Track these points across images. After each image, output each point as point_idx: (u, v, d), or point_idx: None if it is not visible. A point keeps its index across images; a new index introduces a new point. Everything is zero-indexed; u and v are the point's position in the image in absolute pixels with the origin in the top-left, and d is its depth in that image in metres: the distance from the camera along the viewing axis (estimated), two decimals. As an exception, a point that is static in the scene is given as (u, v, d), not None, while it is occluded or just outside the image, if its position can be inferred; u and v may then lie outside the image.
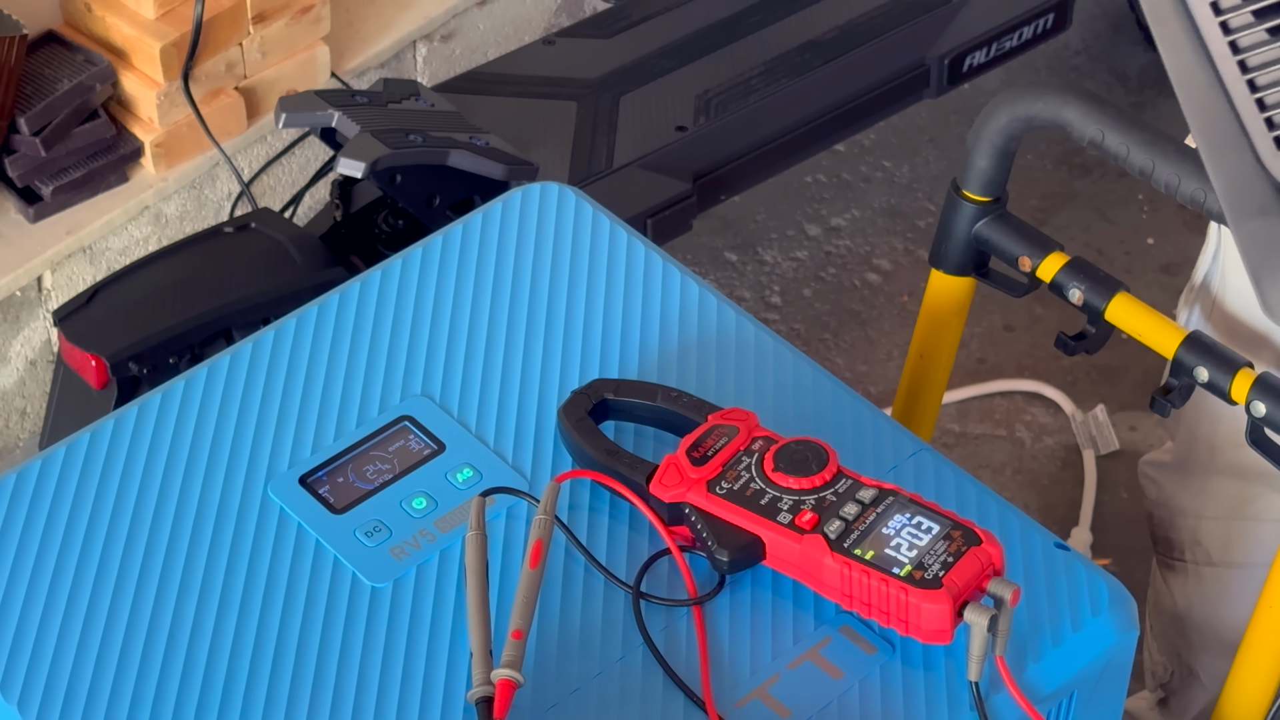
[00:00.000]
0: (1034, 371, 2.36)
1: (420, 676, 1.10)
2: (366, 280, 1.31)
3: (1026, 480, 2.24)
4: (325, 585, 1.14)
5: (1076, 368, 2.36)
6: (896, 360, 2.37)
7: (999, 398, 2.33)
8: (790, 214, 2.53)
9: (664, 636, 1.12)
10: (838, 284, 2.45)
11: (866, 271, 2.47)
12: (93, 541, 1.17)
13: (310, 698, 1.09)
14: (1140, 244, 2.51)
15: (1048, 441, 2.29)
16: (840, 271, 2.46)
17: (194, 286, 1.83)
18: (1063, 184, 2.59)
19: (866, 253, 2.49)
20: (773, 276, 2.46)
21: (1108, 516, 2.20)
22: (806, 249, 2.49)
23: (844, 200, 2.55)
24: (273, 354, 1.27)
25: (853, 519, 1.11)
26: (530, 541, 1.11)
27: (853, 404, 1.24)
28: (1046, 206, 2.56)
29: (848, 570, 1.09)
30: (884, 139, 2.64)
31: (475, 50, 2.51)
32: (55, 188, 2.15)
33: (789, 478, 1.13)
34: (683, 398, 1.21)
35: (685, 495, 1.14)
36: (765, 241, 2.50)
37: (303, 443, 1.22)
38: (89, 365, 1.75)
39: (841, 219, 2.53)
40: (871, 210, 2.54)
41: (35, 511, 1.18)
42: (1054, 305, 2.40)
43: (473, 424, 1.23)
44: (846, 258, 2.48)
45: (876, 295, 2.44)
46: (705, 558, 1.15)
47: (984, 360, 2.37)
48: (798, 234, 2.51)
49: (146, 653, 1.11)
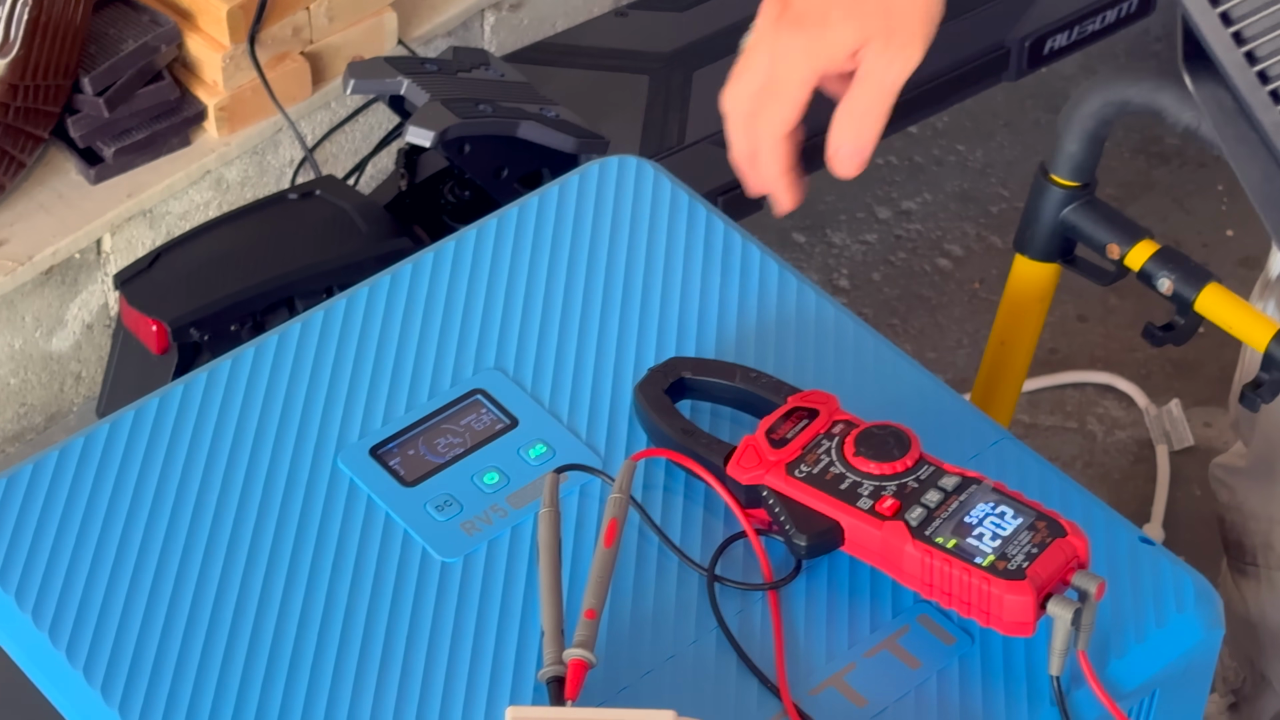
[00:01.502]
0: (1107, 363, 2.35)
1: (490, 654, 1.10)
2: (440, 250, 1.31)
3: (1097, 474, 2.23)
4: (395, 559, 1.14)
5: (1151, 361, 2.35)
6: (966, 348, 2.36)
7: (1070, 389, 2.33)
8: (860, 196, 2.52)
9: (738, 621, 1.12)
10: (907, 269, 2.44)
11: (937, 257, 2.46)
12: (160, 508, 1.17)
13: (379, 671, 1.09)
14: (1219, 236, 2.49)
15: (1120, 435, 2.28)
16: (910, 256, 2.46)
17: (257, 253, 1.84)
18: (1140, 173, 2.58)
19: (937, 237, 2.48)
20: (841, 259, 2.45)
21: (1180, 514, 2.19)
22: (876, 232, 2.49)
23: (915, 183, 2.54)
24: (344, 323, 1.27)
25: (935, 506, 1.10)
26: (605, 520, 1.10)
27: (935, 390, 1.24)
28: (1123, 195, 2.54)
29: (928, 559, 1.08)
30: (957, 122, 2.63)
31: (544, 20, 2.51)
32: (117, 149, 2.16)
33: (870, 463, 1.12)
34: (761, 378, 1.20)
35: (763, 478, 1.13)
36: (834, 223, 2.49)
37: (373, 414, 1.22)
38: (149, 330, 1.76)
39: (912, 202, 2.52)
40: (943, 194, 2.53)
41: (103, 477, 1.18)
42: (1130, 295, 2.39)
43: (546, 399, 1.23)
44: (917, 242, 2.48)
45: (947, 281, 2.43)
46: (782, 542, 1.14)
47: (1056, 350, 2.36)
48: (867, 216, 2.51)
49: (213, 623, 1.11)
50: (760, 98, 1.14)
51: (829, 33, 1.11)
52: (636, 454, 1.17)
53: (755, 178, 1.17)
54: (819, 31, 1.11)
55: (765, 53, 1.14)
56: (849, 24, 1.11)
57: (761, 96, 1.14)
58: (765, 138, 1.15)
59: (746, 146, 1.17)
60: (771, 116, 1.14)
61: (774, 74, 1.13)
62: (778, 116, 1.14)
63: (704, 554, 1.15)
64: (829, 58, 1.12)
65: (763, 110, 1.14)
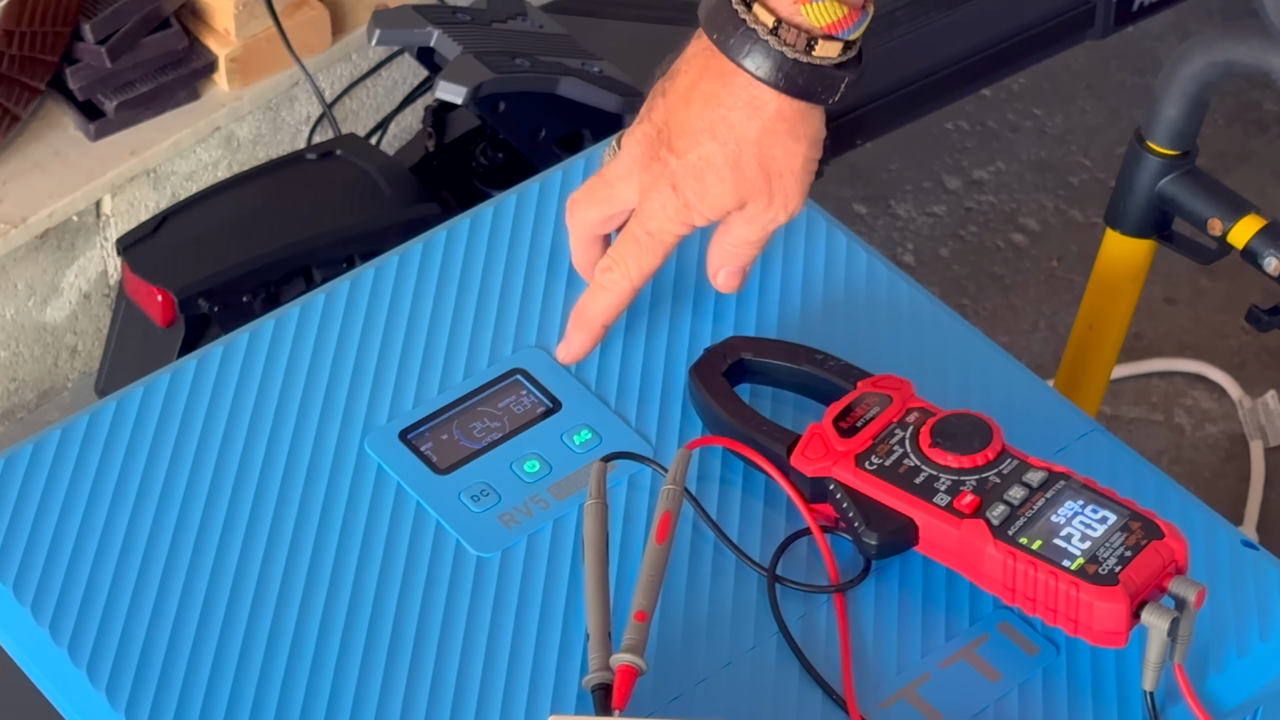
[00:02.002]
0: (1197, 351, 2.34)
1: (529, 658, 1.10)
2: (477, 217, 1.31)
3: (1185, 471, 2.23)
4: (426, 553, 1.14)
5: (1245, 348, 2.34)
6: (1042, 331, 2.35)
7: (1157, 378, 2.32)
8: (928, 164, 2.52)
9: (801, 626, 1.12)
10: (978, 244, 2.44)
11: (1011, 231, 2.45)
12: (171, 494, 1.16)
13: (408, 676, 1.09)
14: (1322, 212, 2.48)
15: (1210, 429, 2.27)
16: (982, 230, 2.45)
17: (272, 218, 1.84)
18: (1236, 142, 2.57)
19: (1012, 210, 2.47)
20: (906, 233, 2.45)
21: (1276, 515, 2.18)
22: (945, 203, 2.48)
23: (988, 151, 2.54)
24: (372, 294, 1.27)
25: (1018, 504, 1.10)
26: (657, 514, 1.10)
27: (1019, 376, 1.23)
28: (1217, 167, 2.53)
29: (1011, 560, 1.08)
30: (1035, 84, 2.62)
31: (584, -32, 2.51)
32: (120, 103, 2.17)
33: (948, 455, 1.12)
34: (829, 361, 1.20)
35: (830, 470, 1.13)
36: (899, 193, 2.49)
37: (403, 394, 1.22)
38: (154, 300, 1.77)
39: (985, 171, 2.52)
40: (1019, 163, 2.52)
41: (109, 459, 1.18)
42: (1223, 276, 2.38)
43: (592, 381, 1.23)
44: (989, 215, 2.47)
45: (1022, 258, 2.42)
46: (850, 540, 1.14)
47: (1141, 336, 2.35)
48: (935, 186, 2.50)
49: (228, 621, 1.11)
50: (624, 241, 1.19)
51: (707, 195, 1.16)
52: (691, 442, 1.17)
53: (581, 320, 1.22)
54: (695, 192, 1.16)
55: (630, 191, 1.18)
56: (725, 186, 1.16)
57: (625, 242, 1.18)
58: (614, 282, 1.20)
59: (585, 268, 1.23)
60: (629, 264, 1.19)
61: (642, 224, 1.18)
62: (635, 266, 1.19)
63: (764, 552, 1.15)
64: (704, 219, 1.17)
65: (624, 255, 1.19)
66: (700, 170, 1.15)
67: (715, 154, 1.15)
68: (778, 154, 1.15)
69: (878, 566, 1.14)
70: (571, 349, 1.22)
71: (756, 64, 1.13)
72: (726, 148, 1.14)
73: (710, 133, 1.14)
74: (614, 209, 1.20)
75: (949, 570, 1.13)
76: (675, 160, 1.15)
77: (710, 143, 1.14)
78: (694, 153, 1.15)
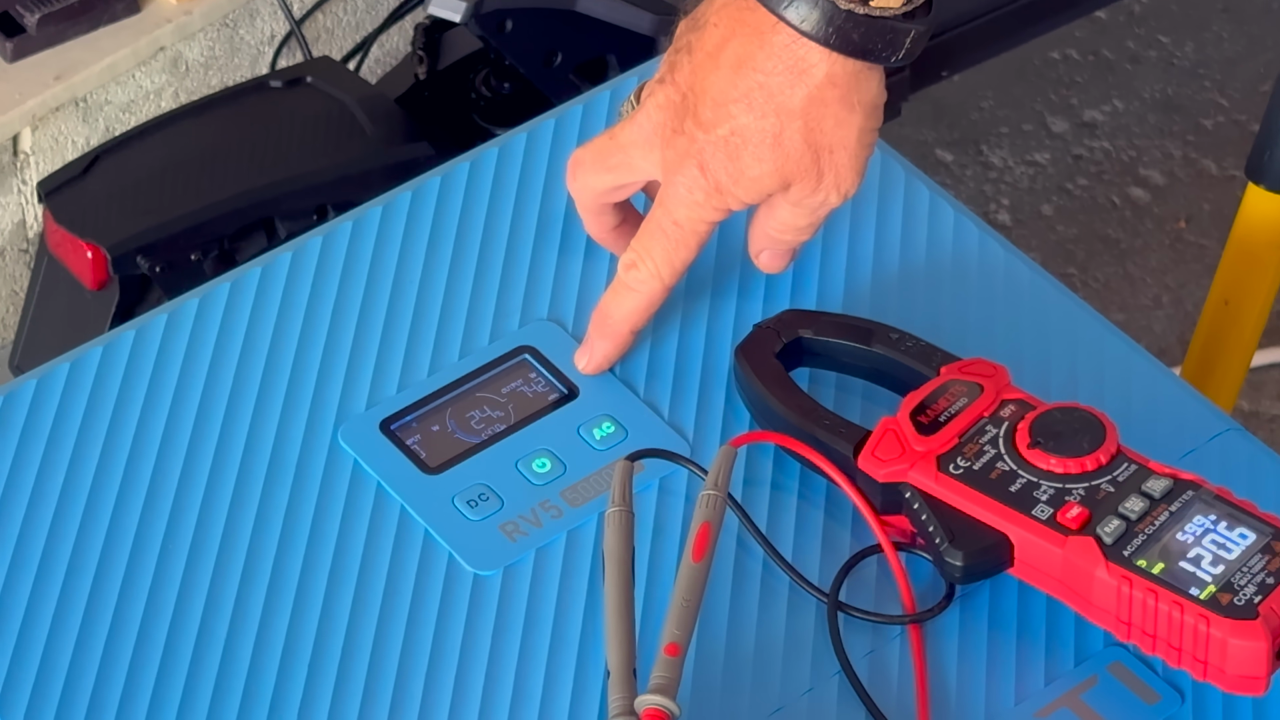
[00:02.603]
0: (1352, 335, 2.35)
1: (536, 700, 1.09)
2: (479, 160, 1.30)
3: (1339, 481, 2.22)
4: (411, 570, 1.14)
5: None
6: (1166, 308, 2.35)
7: (1306, 367, 2.32)
8: (1028, 102, 2.51)
9: (868, 664, 1.11)
10: (1089, 200, 2.43)
11: (1130, 185, 2.45)
12: (101, 493, 1.16)
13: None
14: None
15: (1370, 430, 2.27)
16: (1094, 184, 2.45)
17: (227, 159, 1.86)
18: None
19: (1131, 160, 2.47)
20: (1000, 186, 2.44)
21: None
22: (1049, 150, 2.48)
23: (1102, 86, 2.53)
24: (350, 253, 1.26)
25: (1137, 518, 1.10)
26: (694, 526, 1.09)
27: (1138, 363, 1.23)
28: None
29: (1127, 587, 1.08)
30: (1161, 6, 2.62)
31: None
32: (42, 16, 2.17)
33: (1051, 457, 1.12)
34: (906, 341, 1.20)
35: (906, 474, 1.13)
36: (993, 138, 2.48)
37: (386, 376, 1.22)
38: (83, 257, 1.78)
39: (1098, 112, 2.51)
40: (1140, 102, 2.52)
41: (27, 448, 1.18)
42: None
43: None
44: (1103, 165, 2.47)
45: (1142, 218, 2.42)
46: (929, 560, 1.15)
47: (1286, 316, 2.36)
48: (1037, 129, 2.49)
49: (169, 656, 1.10)
50: (650, 232, 1.18)
51: (743, 177, 1.15)
52: (736, 438, 1.16)
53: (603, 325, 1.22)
54: (729, 174, 1.15)
55: (648, 163, 1.18)
56: (765, 166, 1.15)
57: (651, 233, 1.18)
58: (641, 282, 1.19)
59: (601, 238, 1.24)
60: (657, 260, 1.19)
61: (669, 212, 1.17)
62: (665, 262, 1.19)
63: (824, 574, 1.14)
64: (741, 203, 1.17)
65: (650, 249, 1.19)
66: (734, 148, 1.15)
67: (751, 128, 1.14)
68: (827, 126, 1.14)
69: (962, 593, 1.14)
70: (594, 357, 1.22)
71: (801, 15, 1.11)
72: (765, 121, 1.14)
73: (745, 102, 1.14)
74: (627, 179, 1.20)
75: (1050, 598, 1.13)
76: (703, 135, 1.15)
77: (745, 115, 1.14)
78: (725, 126, 1.14)
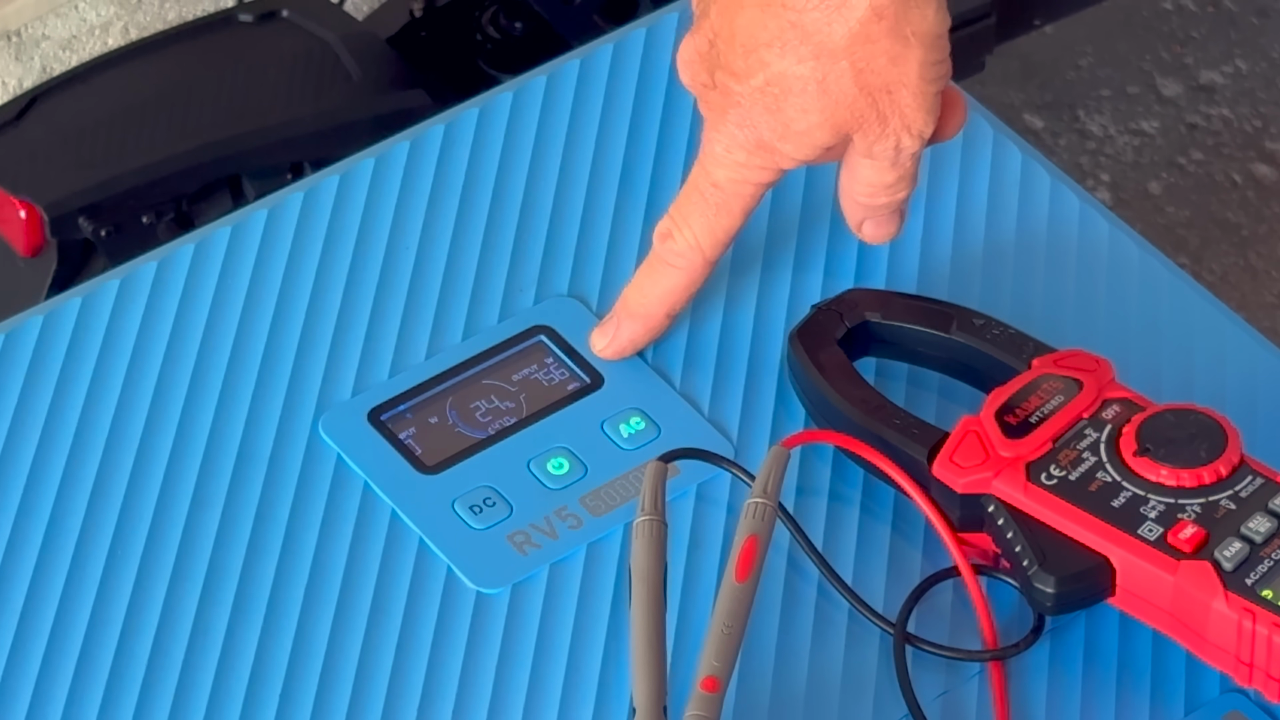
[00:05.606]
0: None
1: (549, 738, 1.08)
2: (489, 106, 1.28)
3: None
4: (404, 585, 1.11)
5: None
6: (1295, 303, 2.37)
7: None
8: (1134, 60, 2.49)
9: (940, 707, 1.08)
10: (1205, 178, 2.40)
11: (1253, 161, 2.42)
12: (40, 488, 1.13)
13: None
14: None
15: None
16: (1211, 158, 2.41)
17: (186, 106, 1.85)
18: None
19: (1255, 131, 2.44)
20: (1100, 158, 2.41)
21: None
22: (1158, 118, 2.44)
23: (1222, 44, 2.51)
24: (335, 212, 1.24)
25: (1262, 540, 1.06)
26: (738, 540, 1.06)
27: (1265, 359, 1.20)
28: None
29: (1249, 621, 1.04)
30: (1296, -54, 2.62)
31: None
32: (-29, -62, 2.20)
33: (1161, 467, 1.08)
34: (992, 328, 1.16)
35: (990, 484, 1.10)
36: (1091, 101, 2.45)
37: (376, 359, 1.19)
38: (15, 217, 1.77)
39: (1217, 74, 2.48)
40: (1267, 63, 2.49)
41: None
42: None
43: (648, 348, 1.21)
44: (1222, 136, 2.44)
45: (1267, 200, 2.39)
46: (1016, 587, 1.11)
47: None
48: (1144, 93, 2.46)
49: (117, 675, 1.07)
50: (688, 197, 1.16)
51: (790, 131, 1.12)
52: (789, 438, 1.13)
53: (629, 309, 1.19)
54: (772, 128, 1.12)
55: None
56: (813, 117, 1.12)
57: (689, 198, 1.16)
58: (679, 254, 1.17)
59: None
60: (696, 228, 1.16)
61: (708, 173, 1.15)
62: (705, 231, 1.16)
63: (890, 601, 1.12)
64: (793, 160, 1.14)
65: (688, 215, 1.16)
66: (774, 99, 1.12)
67: (790, 74, 1.11)
68: (880, 65, 1.10)
69: (1054, 625, 1.11)
70: (618, 339, 1.18)
71: None
72: (804, 65, 1.10)
73: (778, 46, 1.11)
74: None
75: (1157, 633, 1.10)
76: (737, 86, 1.12)
77: (780, 60, 1.11)
78: (760, 75, 1.11)
